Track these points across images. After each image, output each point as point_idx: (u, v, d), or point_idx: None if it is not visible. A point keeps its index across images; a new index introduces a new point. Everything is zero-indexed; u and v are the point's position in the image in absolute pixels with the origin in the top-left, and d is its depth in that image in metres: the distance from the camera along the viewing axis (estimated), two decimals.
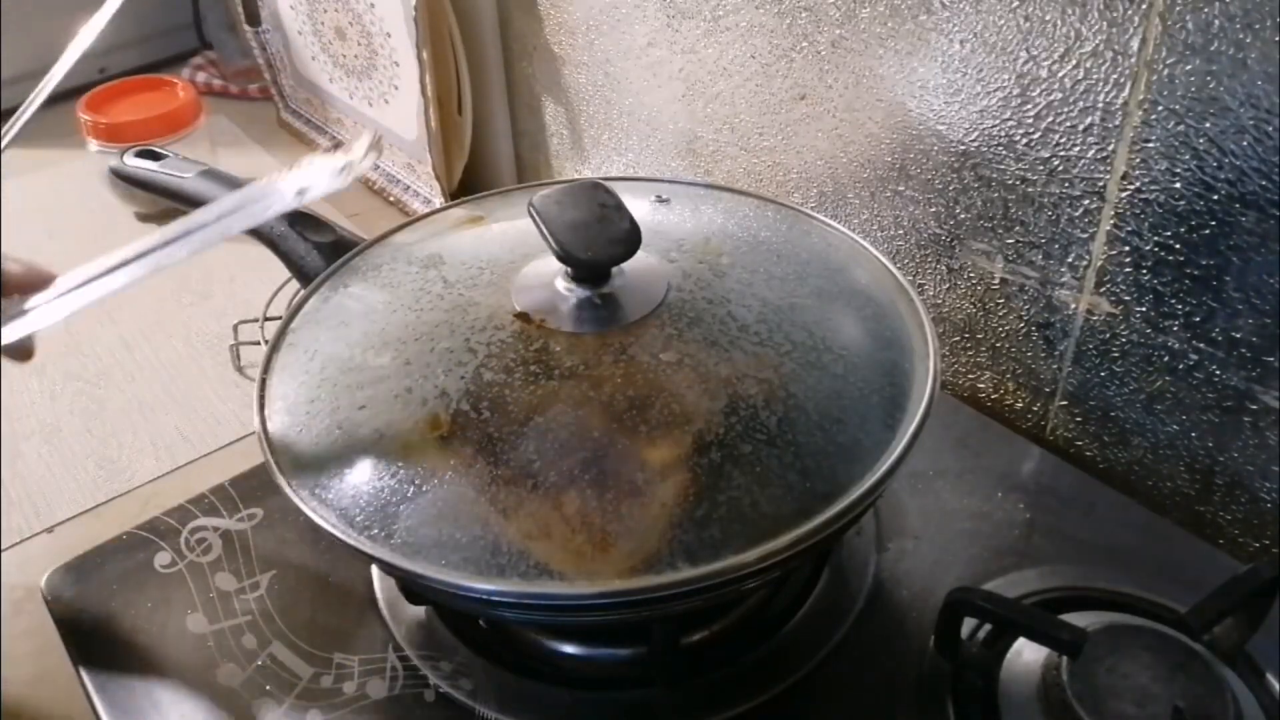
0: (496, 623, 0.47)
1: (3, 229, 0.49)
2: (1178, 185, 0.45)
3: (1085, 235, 0.50)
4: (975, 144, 0.53)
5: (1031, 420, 0.58)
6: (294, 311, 0.47)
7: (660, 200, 0.50)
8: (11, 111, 0.44)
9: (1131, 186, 0.47)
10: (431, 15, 0.78)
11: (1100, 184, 0.48)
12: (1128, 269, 0.49)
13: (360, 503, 0.38)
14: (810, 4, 0.57)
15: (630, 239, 0.41)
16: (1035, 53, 0.48)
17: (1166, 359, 0.49)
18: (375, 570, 0.49)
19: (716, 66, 0.65)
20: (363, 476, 0.38)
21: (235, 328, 0.75)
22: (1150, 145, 0.45)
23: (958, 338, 0.60)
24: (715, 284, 0.43)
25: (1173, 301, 0.48)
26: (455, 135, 0.86)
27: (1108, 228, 0.49)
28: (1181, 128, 0.44)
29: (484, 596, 0.36)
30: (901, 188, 0.58)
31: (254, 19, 1.00)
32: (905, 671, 0.43)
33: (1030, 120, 0.50)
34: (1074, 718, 0.37)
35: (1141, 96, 0.45)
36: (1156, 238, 0.47)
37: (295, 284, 0.51)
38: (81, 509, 0.63)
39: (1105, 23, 0.45)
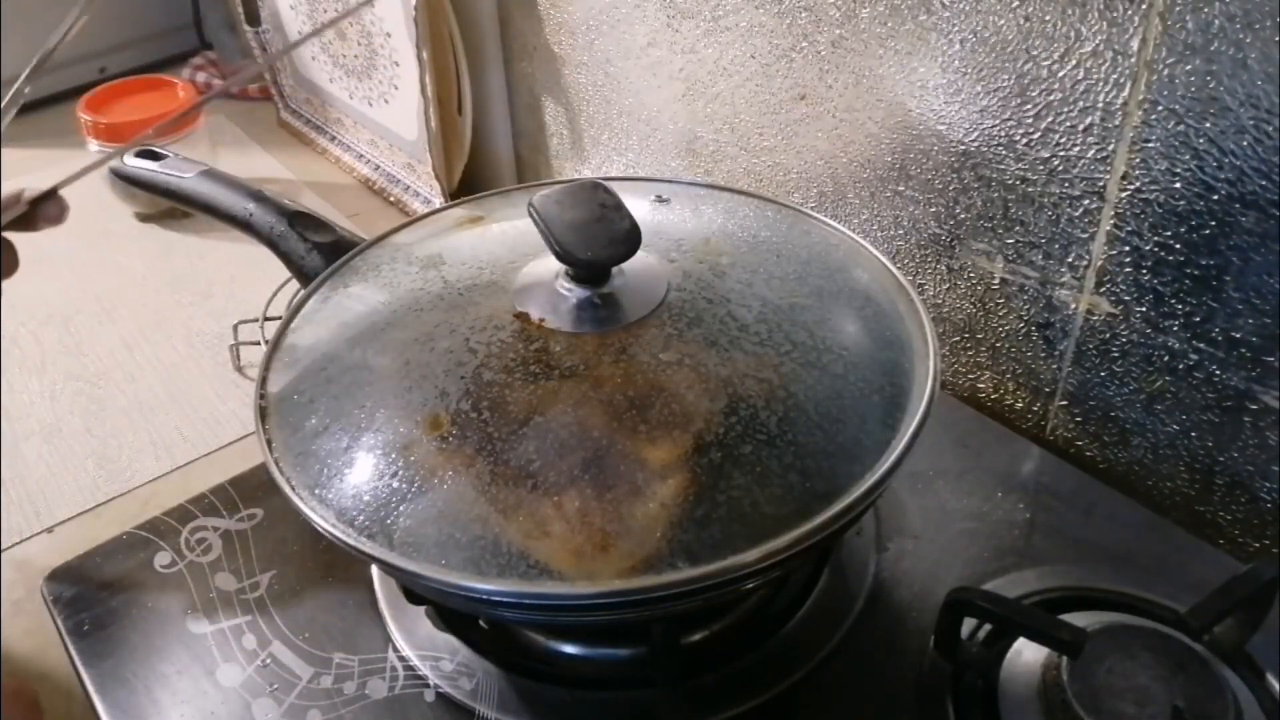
0: (496, 623, 0.47)
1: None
2: (1178, 185, 0.45)
3: (1085, 235, 0.50)
4: (975, 144, 0.53)
5: (1031, 420, 0.58)
6: (294, 311, 0.47)
7: (660, 200, 0.50)
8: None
9: (1131, 186, 0.47)
10: (431, 15, 0.78)
11: (1100, 184, 0.48)
12: (1128, 269, 0.49)
13: (360, 503, 0.38)
14: (810, 4, 0.57)
15: (630, 239, 0.41)
16: (1035, 53, 0.48)
17: (1166, 359, 0.49)
18: (375, 570, 0.49)
19: (716, 66, 0.65)
20: (363, 476, 0.38)
21: (235, 328, 0.75)
22: (1150, 145, 0.45)
23: (958, 338, 0.60)
24: (715, 284, 0.43)
25: (1173, 301, 0.48)
26: (455, 135, 0.86)
27: (1108, 228, 0.49)
28: (1181, 128, 0.44)
29: (484, 596, 0.36)
30: (901, 188, 0.58)
31: (254, 19, 1.00)
32: (905, 671, 0.43)
33: (1030, 120, 0.50)
34: (1074, 718, 0.37)
35: (1141, 96, 0.45)
36: (1156, 238, 0.47)
37: (295, 284, 0.51)
38: (81, 509, 0.63)
39: (1105, 23, 0.45)
